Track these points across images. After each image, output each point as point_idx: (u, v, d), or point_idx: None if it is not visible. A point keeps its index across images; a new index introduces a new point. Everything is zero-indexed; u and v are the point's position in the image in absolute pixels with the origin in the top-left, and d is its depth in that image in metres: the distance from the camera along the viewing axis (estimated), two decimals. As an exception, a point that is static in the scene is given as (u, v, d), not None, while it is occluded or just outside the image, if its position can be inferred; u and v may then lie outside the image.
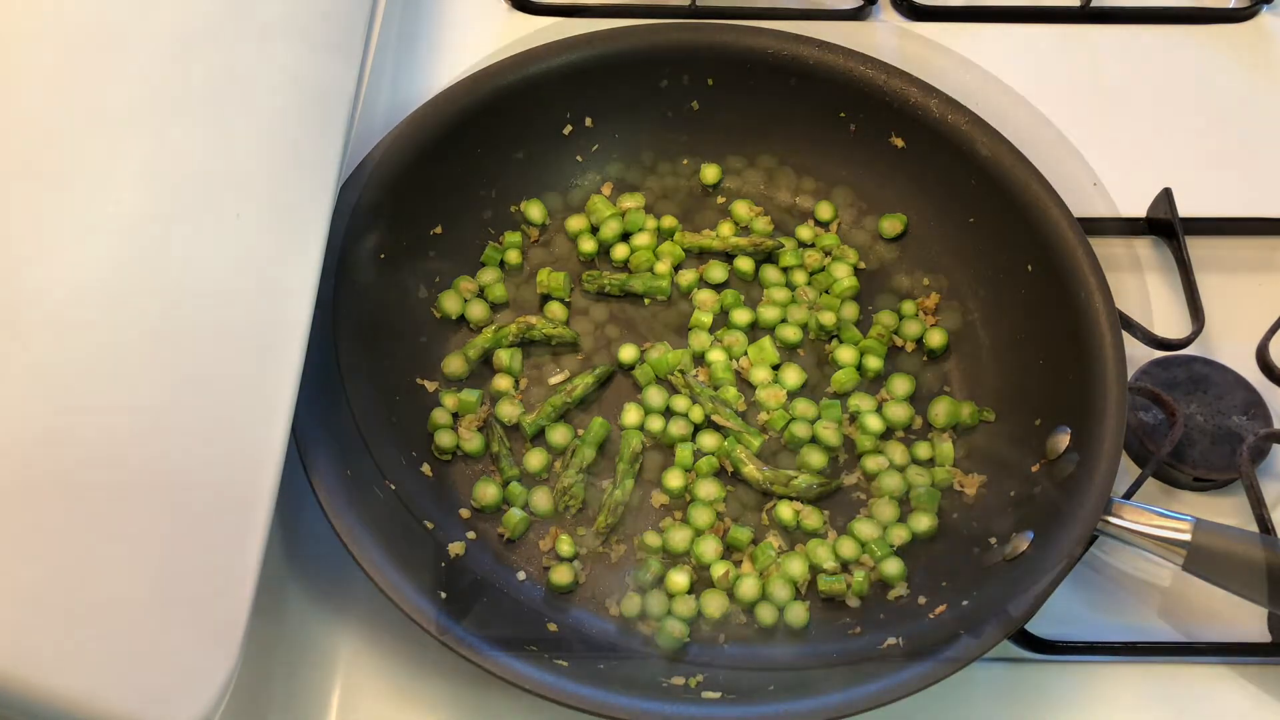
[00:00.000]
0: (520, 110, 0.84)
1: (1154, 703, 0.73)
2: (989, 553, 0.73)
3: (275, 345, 0.67)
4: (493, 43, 0.85)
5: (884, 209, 0.88)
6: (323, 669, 0.73)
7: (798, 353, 0.83)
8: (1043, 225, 0.78)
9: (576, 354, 0.83)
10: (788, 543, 0.76)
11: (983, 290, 0.83)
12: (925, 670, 0.65)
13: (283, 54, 0.71)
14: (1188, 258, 0.86)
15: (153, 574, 0.55)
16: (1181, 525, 0.69)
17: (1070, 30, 1.02)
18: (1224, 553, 0.68)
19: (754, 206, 0.88)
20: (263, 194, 0.67)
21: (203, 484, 0.60)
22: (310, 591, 0.75)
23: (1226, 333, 0.86)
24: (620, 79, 0.85)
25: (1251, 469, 0.77)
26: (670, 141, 0.89)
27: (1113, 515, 0.69)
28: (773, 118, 0.88)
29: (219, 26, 0.66)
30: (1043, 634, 0.74)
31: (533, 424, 0.79)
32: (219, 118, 0.64)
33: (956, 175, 0.83)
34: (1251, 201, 0.92)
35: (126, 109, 0.58)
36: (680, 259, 0.86)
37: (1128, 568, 0.77)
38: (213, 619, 0.59)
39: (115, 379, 0.54)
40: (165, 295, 0.58)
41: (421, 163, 0.80)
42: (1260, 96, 0.99)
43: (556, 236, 0.87)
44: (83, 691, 0.49)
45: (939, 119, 0.83)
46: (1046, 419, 0.76)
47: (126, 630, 0.53)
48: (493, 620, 0.70)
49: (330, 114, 0.75)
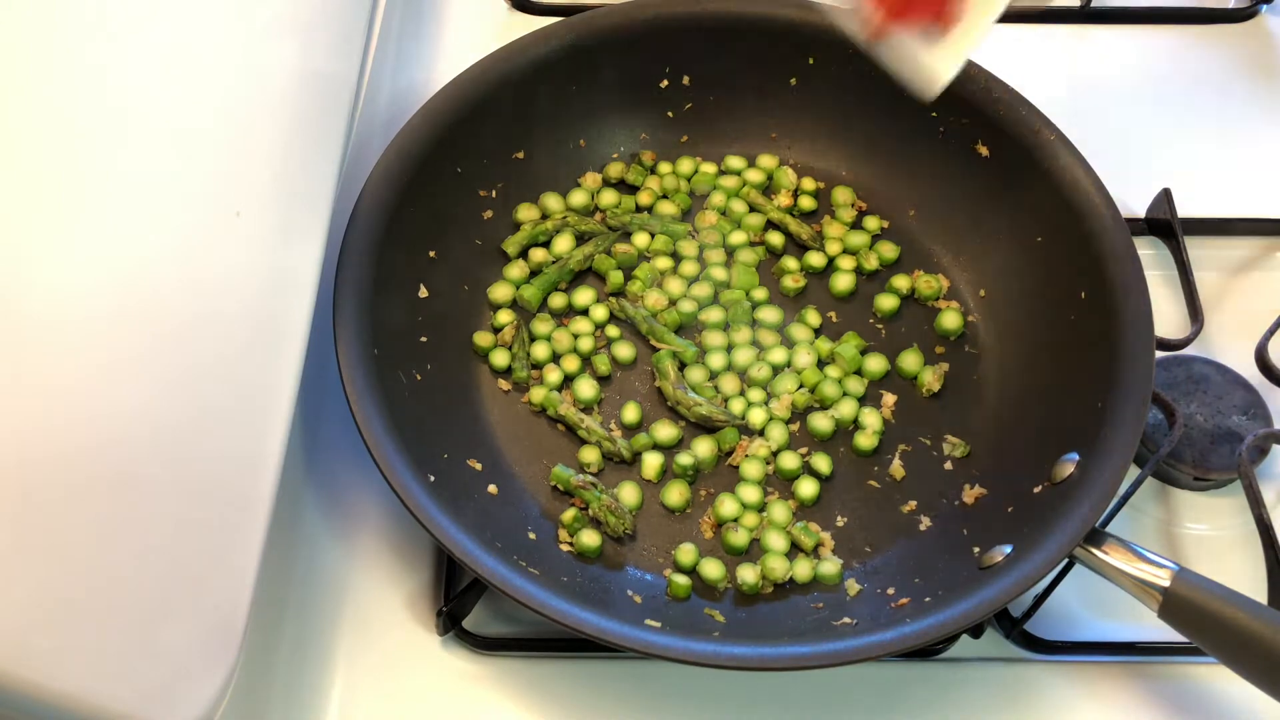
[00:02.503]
0: (610, 62, 0.87)
1: (1153, 703, 0.73)
2: (968, 559, 0.73)
3: (276, 342, 0.67)
4: (493, 42, 0.85)
5: (950, 216, 0.87)
6: (323, 669, 0.73)
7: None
8: (1107, 257, 0.77)
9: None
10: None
11: (1020, 306, 0.83)
12: (849, 647, 0.66)
13: (284, 53, 0.71)
14: (1187, 258, 0.86)
15: (152, 573, 0.55)
16: (1161, 571, 0.67)
17: (1070, 30, 1.02)
18: (1200, 608, 0.65)
19: (858, 200, 0.89)
20: (264, 191, 0.67)
21: (203, 483, 0.60)
22: (312, 596, 0.76)
23: (1226, 333, 0.86)
24: (718, 39, 0.88)
25: (1251, 469, 0.76)
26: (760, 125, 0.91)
27: (1095, 548, 0.68)
28: (854, 108, 0.89)
29: (221, 25, 0.66)
30: (1043, 634, 0.74)
31: (535, 295, 0.83)
32: (220, 116, 0.64)
33: (1032, 192, 0.82)
34: (1251, 201, 0.92)
35: (127, 106, 0.58)
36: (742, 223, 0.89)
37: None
38: (213, 619, 0.59)
39: (115, 377, 0.54)
40: (164, 293, 0.58)
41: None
42: (1260, 96, 0.99)
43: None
44: (83, 691, 0.49)
45: (1025, 132, 0.82)
46: (1058, 442, 0.75)
47: (126, 630, 0.53)
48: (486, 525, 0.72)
49: (331, 112, 0.75)
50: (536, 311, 0.84)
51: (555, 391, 0.81)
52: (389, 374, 0.74)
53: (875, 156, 0.90)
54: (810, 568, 0.75)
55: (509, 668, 0.74)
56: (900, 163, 0.89)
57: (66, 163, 0.54)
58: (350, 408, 0.70)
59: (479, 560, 0.67)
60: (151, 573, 0.55)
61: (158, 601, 0.55)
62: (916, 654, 0.74)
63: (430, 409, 0.77)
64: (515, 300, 0.85)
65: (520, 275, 0.85)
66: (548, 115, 0.87)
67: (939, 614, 0.67)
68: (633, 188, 0.90)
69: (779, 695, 0.73)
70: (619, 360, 0.83)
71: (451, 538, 0.68)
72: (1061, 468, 0.73)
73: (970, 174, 0.85)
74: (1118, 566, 0.68)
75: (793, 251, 0.88)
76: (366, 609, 0.75)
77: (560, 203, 0.88)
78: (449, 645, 0.74)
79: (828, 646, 0.66)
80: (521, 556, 0.71)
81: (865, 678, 0.73)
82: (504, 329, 0.83)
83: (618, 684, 0.73)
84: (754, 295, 0.85)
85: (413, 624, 0.75)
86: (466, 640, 0.74)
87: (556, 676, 0.74)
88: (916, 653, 0.73)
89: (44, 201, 0.52)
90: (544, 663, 0.74)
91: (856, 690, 0.73)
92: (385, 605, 0.75)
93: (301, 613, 0.75)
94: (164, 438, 0.57)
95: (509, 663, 0.74)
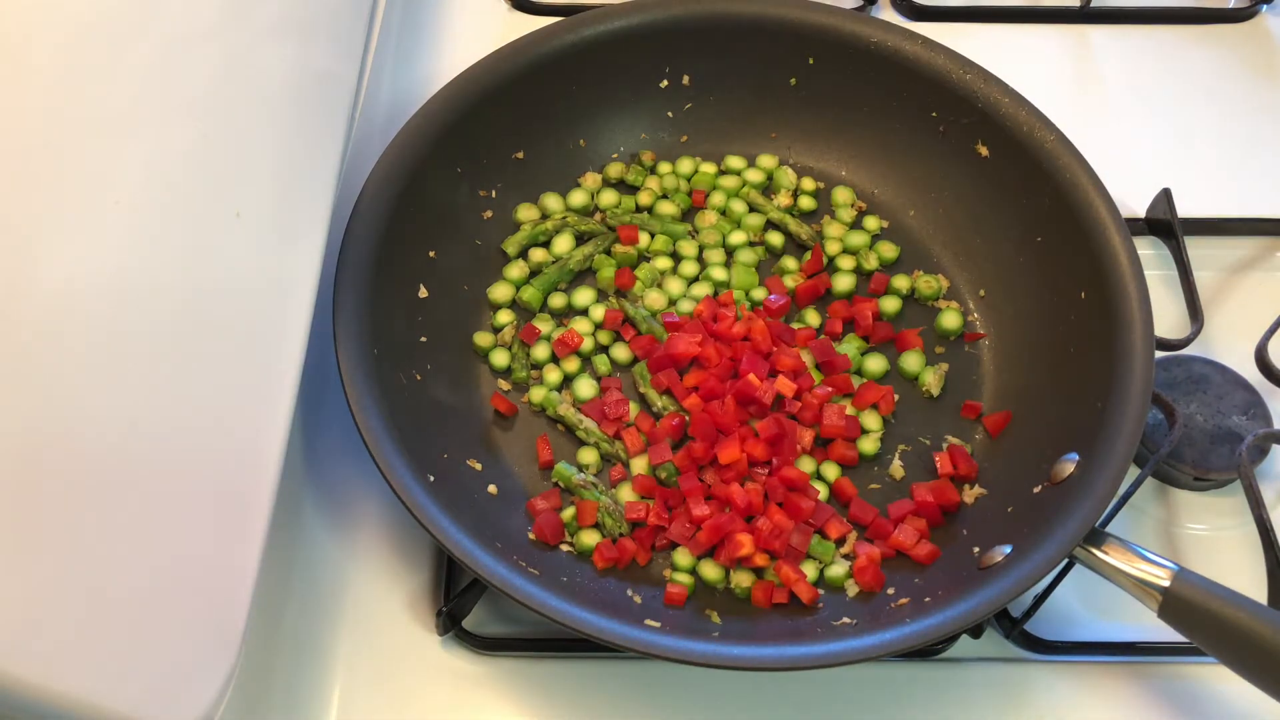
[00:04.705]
0: (610, 61, 0.87)
1: (1153, 703, 0.73)
2: (968, 559, 0.73)
3: (276, 343, 0.67)
4: (493, 42, 0.85)
5: (950, 216, 0.87)
6: (323, 669, 0.73)
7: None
8: (1107, 258, 0.77)
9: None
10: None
11: (1020, 306, 0.83)
12: (846, 648, 0.66)
13: (284, 54, 0.71)
14: (1187, 258, 0.86)
15: (153, 573, 0.55)
16: (1161, 571, 0.67)
17: (1070, 30, 1.02)
18: (1200, 608, 0.65)
19: (858, 201, 0.90)
20: (263, 192, 0.67)
21: (203, 483, 0.60)
22: (311, 595, 0.76)
23: (1226, 333, 0.86)
24: (718, 38, 0.88)
25: (1251, 469, 0.76)
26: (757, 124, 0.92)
27: (1095, 548, 0.68)
28: (859, 108, 0.89)
29: (221, 26, 0.66)
30: (1043, 634, 0.74)
31: (535, 295, 0.83)
32: (220, 117, 0.64)
33: (1032, 192, 0.82)
34: (1251, 201, 0.92)
35: (127, 106, 0.58)
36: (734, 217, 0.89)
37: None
38: (213, 619, 0.59)
39: (115, 378, 0.54)
40: (165, 293, 0.58)
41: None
42: (1260, 96, 0.99)
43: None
44: (83, 691, 0.49)
45: (1026, 133, 0.82)
46: (1058, 442, 0.75)
47: (127, 630, 0.53)
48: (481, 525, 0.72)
49: (331, 112, 0.75)
50: (537, 311, 0.84)
51: (555, 391, 0.81)
52: (389, 374, 0.74)
53: (875, 156, 0.90)
54: (815, 569, 0.75)
55: (509, 668, 0.74)
56: (900, 163, 0.89)
57: (67, 163, 0.54)
58: (350, 408, 0.70)
59: (479, 560, 0.67)
60: (151, 572, 0.55)
61: (158, 601, 0.55)
62: (916, 654, 0.74)
63: (430, 409, 0.77)
64: (515, 300, 0.85)
65: (520, 275, 0.85)
66: (548, 115, 0.88)
67: (939, 614, 0.67)
68: (633, 188, 0.90)
69: (779, 695, 0.73)
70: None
71: (451, 538, 0.68)
72: (1061, 468, 0.73)
73: (970, 174, 0.85)
74: (1118, 566, 0.67)
75: (793, 251, 0.88)
76: (366, 609, 0.75)
77: (560, 203, 0.88)
78: (449, 645, 0.74)
79: (827, 647, 0.66)
80: (521, 556, 0.71)
81: (865, 678, 0.73)
82: (504, 329, 0.83)
83: (618, 684, 0.73)
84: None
85: (413, 624, 0.75)
86: (466, 640, 0.74)
87: (556, 676, 0.74)
88: (916, 653, 0.73)
89: (44, 202, 0.52)
90: (544, 663, 0.74)
91: (856, 690, 0.73)
92: (385, 605, 0.75)
93: (301, 613, 0.75)
94: (164, 438, 0.57)
95: (509, 663, 0.74)
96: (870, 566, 0.74)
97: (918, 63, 0.85)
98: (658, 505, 0.75)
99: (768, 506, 0.75)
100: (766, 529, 0.74)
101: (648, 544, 0.75)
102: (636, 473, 0.77)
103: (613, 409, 0.79)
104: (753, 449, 0.76)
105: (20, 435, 0.49)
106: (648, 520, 0.75)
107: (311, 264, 0.71)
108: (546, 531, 0.74)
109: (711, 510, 0.75)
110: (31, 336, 0.50)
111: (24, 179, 0.52)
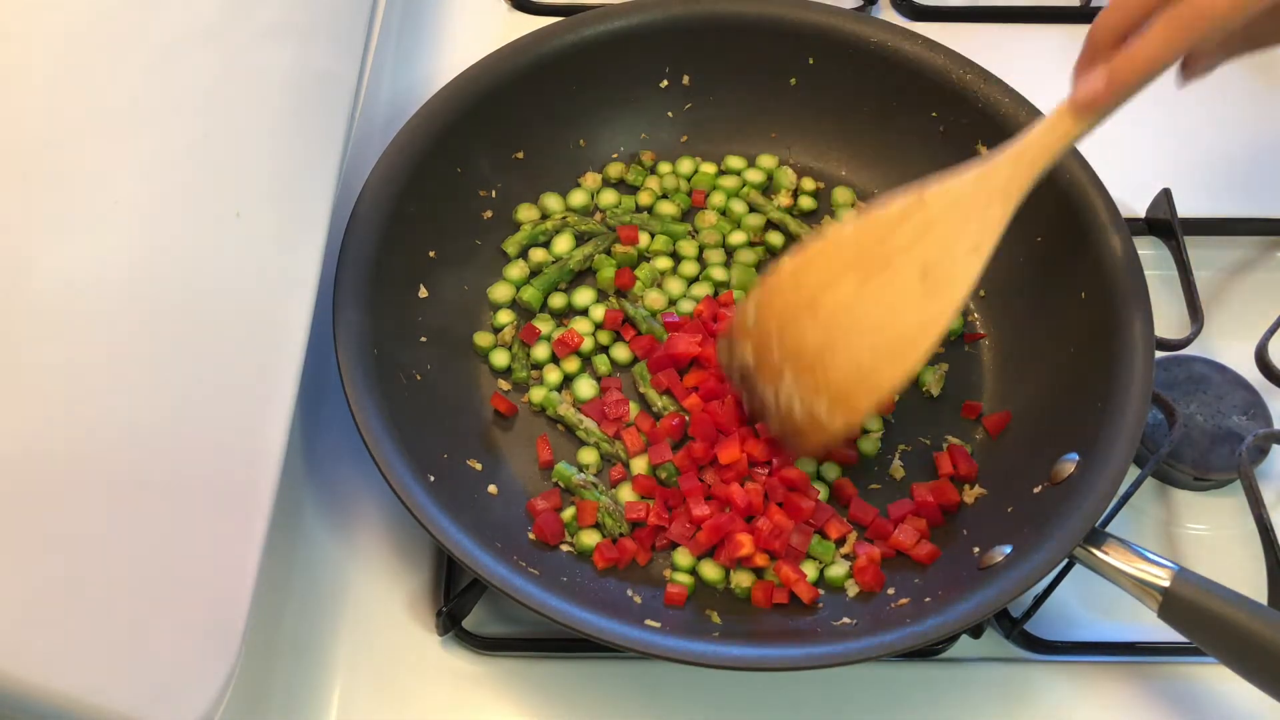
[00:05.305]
0: (610, 61, 0.87)
1: (1153, 703, 0.73)
2: (968, 559, 0.73)
3: (276, 342, 0.67)
4: (493, 42, 0.85)
5: None
6: (323, 669, 0.73)
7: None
8: (1107, 258, 0.77)
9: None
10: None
11: (1020, 306, 0.83)
12: (843, 650, 0.66)
13: (284, 54, 0.71)
14: (1187, 258, 0.86)
15: (152, 573, 0.55)
16: (1161, 572, 0.66)
17: (1070, 30, 1.02)
18: (1200, 608, 0.65)
19: (858, 201, 0.90)
20: (264, 192, 0.67)
21: (203, 483, 0.60)
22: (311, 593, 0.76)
23: (1226, 333, 0.86)
24: (718, 38, 0.88)
25: (1251, 469, 0.77)
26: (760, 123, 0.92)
27: (1095, 548, 0.68)
28: (856, 105, 0.89)
29: (221, 26, 0.66)
30: (1042, 634, 0.74)
31: (535, 295, 0.83)
32: (220, 116, 0.64)
33: (1032, 192, 0.82)
34: (1251, 201, 0.92)
35: (127, 106, 0.58)
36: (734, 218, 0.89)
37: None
38: (213, 619, 0.59)
39: (115, 378, 0.54)
40: (165, 293, 0.58)
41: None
42: (1259, 96, 0.99)
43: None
44: (83, 691, 0.49)
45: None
46: (1058, 442, 0.75)
47: (127, 630, 0.53)
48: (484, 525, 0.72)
49: (331, 112, 0.75)
50: (537, 311, 0.84)
51: (555, 391, 0.81)
52: (389, 374, 0.74)
53: (875, 156, 0.90)
54: (815, 570, 0.75)
55: (509, 668, 0.74)
56: (900, 163, 0.89)
57: (67, 163, 0.54)
58: (350, 408, 0.70)
59: (479, 560, 0.67)
60: (151, 573, 0.55)
61: (158, 601, 0.55)
62: (916, 654, 0.74)
63: (430, 409, 0.77)
64: (515, 300, 0.85)
65: (520, 275, 0.85)
66: (548, 115, 0.88)
67: (939, 614, 0.67)
68: (633, 188, 0.90)
69: (779, 695, 0.73)
70: (617, 361, 0.83)
71: (451, 538, 0.68)
72: (1061, 468, 0.73)
73: None
74: (1118, 566, 0.67)
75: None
76: (366, 609, 0.75)
77: (560, 203, 0.88)
78: (449, 645, 0.74)
79: (827, 647, 0.66)
80: (521, 556, 0.71)
81: (865, 678, 0.73)
82: (504, 329, 0.83)
83: (618, 684, 0.73)
84: None
85: (413, 624, 0.75)
86: (466, 640, 0.74)
87: (556, 676, 0.74)
88: (916, 653, 0.73)
89: (45, 202, 0.52)
90: (544, 663, 0.74)
91: (856, 690, 0.73)
92: (385, 605, 0.75)
93: (301, 613, 0.75)
94: (163, 438, 0.57)
95: (509, 663, 0.74)
96: (870, 567, 0.74)
97: (918, 63, 0.85)
98: (658, 505, 0.75)
99: (768, 506, 0.75)
100: (766, 529, 0.74)
101: (648, 544, 0.75)
102: (636, 473, 0.77)
103: (613, 409, 0.79)
104: (753, 449, 0.77)
105: (20, 435, 0.49)
106: (648, 520, 0.75)
107: (311, 264, 0.71)
108: (546, 531, 0.74)
109: (711, 510, 0.75)
110: (31, 336, 0.50)
111: (24, 179, 0.52)
